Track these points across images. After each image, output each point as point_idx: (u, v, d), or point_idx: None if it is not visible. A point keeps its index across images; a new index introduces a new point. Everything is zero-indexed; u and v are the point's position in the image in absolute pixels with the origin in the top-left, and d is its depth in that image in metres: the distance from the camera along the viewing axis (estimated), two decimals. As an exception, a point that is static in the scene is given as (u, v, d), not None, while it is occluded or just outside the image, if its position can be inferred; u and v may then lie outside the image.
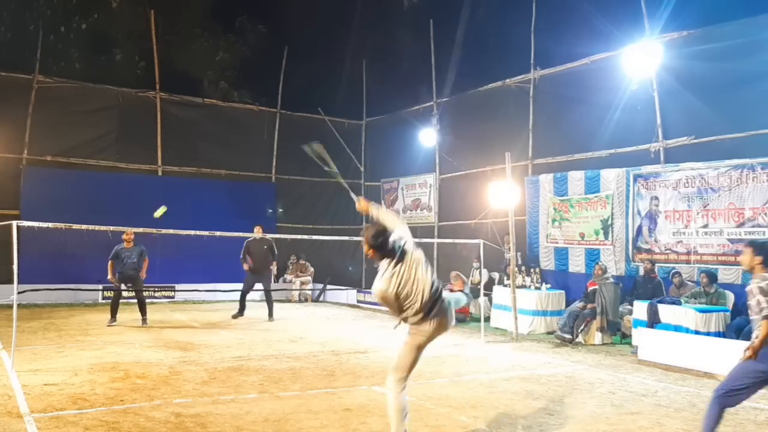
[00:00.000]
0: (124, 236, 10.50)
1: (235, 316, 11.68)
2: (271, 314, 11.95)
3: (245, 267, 11.77)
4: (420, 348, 4.33)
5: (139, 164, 15.59)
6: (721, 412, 4.36)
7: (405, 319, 4.33)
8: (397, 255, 4.24)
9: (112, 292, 11.25)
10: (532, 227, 12.72)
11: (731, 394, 4.33)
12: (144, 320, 10.72)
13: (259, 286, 12.08)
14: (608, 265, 10.87)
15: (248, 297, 11.89)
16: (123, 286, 10.76)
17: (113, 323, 10.58)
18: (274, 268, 12.03)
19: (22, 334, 8.92)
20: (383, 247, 4.24)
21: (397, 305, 4.23)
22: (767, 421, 5.59)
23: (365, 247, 4.29)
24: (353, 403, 5.81)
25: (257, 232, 11.65)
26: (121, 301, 10.92)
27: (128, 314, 11.24)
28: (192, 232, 9.25)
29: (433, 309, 4.24)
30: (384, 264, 4.26)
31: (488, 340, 9.88)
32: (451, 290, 11.64)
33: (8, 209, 12.88)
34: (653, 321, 8.84)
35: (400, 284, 4.18)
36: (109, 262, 10.60)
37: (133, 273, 10.64)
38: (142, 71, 16.16)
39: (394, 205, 17.64)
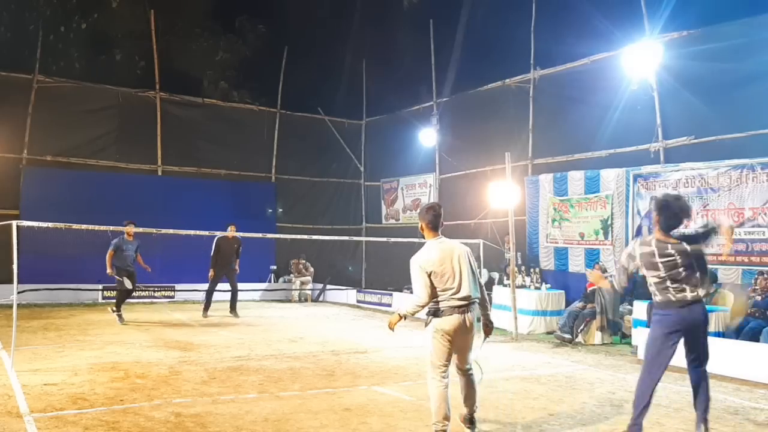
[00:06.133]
0: (127, 229, 10.38)
1: (204, 315, 11.85)
2: (234, 309, 12.14)
3: (211, 274, 11.91)
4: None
5: (139, 164, 15.59)
6: None
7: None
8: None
9: (115, 289, 11.26)
10: (532, 227, 12.72)
11: None
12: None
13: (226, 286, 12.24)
14: (608, 266, 10.85)
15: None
16: (127, 281, 10.74)
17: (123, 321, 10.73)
18: (237, 267, 12.23)
19: (22, 334, 8.91)
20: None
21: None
22: (767, 421, 5.59)
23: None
24: (353, 403, 5.81)
25: (231, 231, 11.70)
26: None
27: (131, 314, 11.29)
28: (192, 232, 9.26)
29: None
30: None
31: (488, 340, 9.84)
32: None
33: (8, 209, 12.88)
34: (653, 321, 8.82)
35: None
36: (109, 253, 10.63)
37: (131, 268, 10.85)
38: (142, 71, 16.15)
39: (394, 205, 17.64)
